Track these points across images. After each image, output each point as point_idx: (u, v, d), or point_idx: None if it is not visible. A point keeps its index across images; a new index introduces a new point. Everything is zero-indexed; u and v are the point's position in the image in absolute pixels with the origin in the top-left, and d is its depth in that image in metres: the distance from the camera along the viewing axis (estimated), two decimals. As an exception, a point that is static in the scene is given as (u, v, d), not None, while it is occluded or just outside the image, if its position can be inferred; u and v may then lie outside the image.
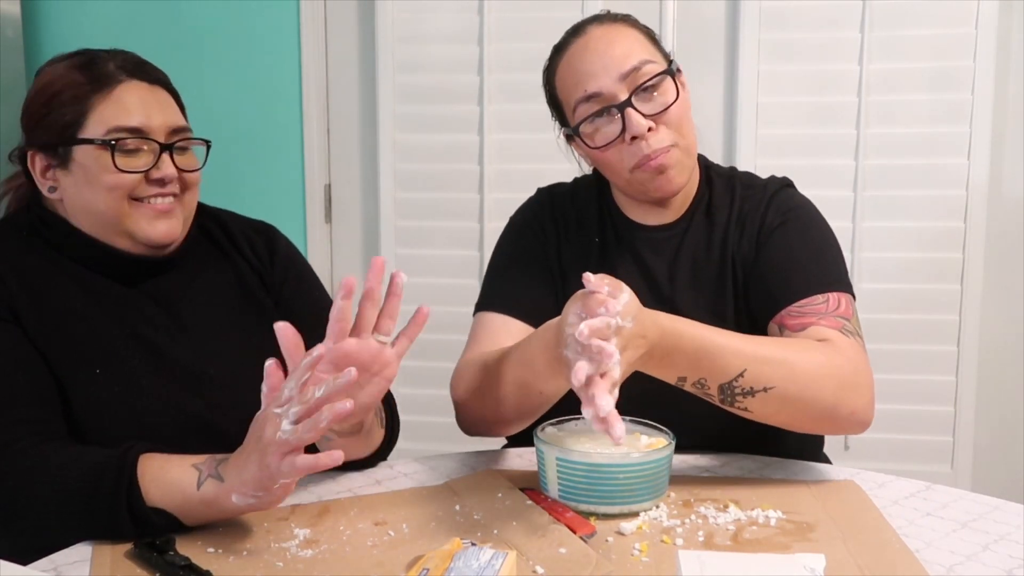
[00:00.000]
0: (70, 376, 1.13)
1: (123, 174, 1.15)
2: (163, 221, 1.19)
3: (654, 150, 1.21)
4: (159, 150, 1.18)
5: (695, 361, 1.09)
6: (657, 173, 1.23)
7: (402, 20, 2.43)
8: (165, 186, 1.18)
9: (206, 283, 1.27)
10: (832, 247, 1.30)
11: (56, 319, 1.15)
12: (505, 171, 2.39)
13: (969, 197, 2.25)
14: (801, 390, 1.11)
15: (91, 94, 1.16)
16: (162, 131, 1.18)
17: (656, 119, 1.22)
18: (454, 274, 2.37)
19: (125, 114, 1.16)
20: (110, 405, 1.14)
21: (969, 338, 2.27)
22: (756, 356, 1.11)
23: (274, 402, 0.97)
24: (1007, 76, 2.24)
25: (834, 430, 1.18)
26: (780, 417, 1.14)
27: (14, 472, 1.03)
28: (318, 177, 2.51)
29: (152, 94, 1.20)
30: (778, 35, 2.29)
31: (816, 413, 1.13)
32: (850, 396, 1.13)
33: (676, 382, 1.11)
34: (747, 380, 1.10)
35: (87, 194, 1.17)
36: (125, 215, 1.17)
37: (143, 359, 1.18)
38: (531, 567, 0.94)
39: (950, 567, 0.96)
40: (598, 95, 1.22)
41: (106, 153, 1.15)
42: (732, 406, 1.13)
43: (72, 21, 2.53)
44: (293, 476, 0.96)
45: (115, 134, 1.15)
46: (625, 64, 1.22)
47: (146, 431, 1.12)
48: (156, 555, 0.95)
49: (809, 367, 1.12)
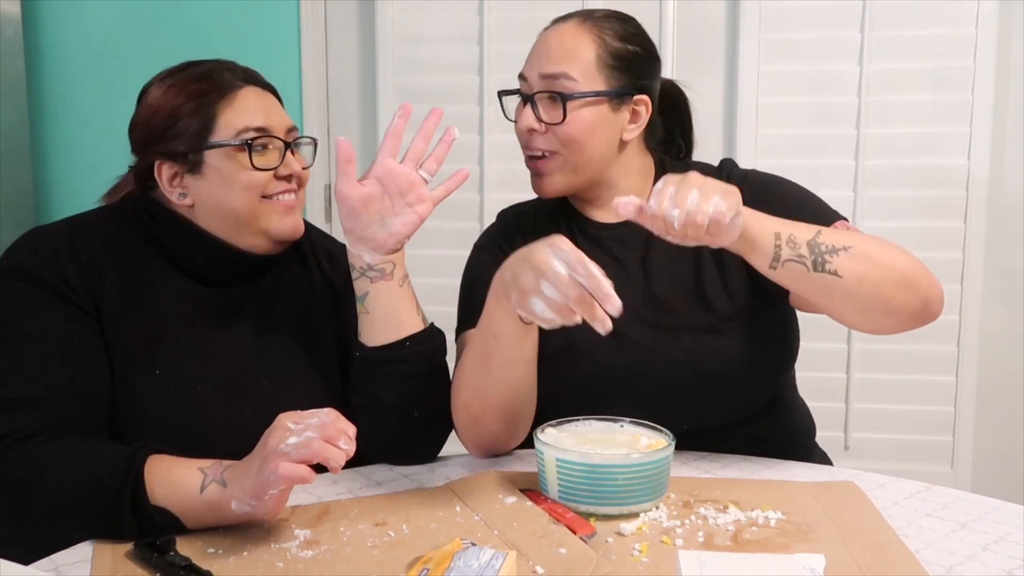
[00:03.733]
0: (129, 373, 1.16)
1: (258, 172, 1.20)
2: (290, 216, 1.25)
3: (533, 149, 1.30)
4: (284, 148, 1.22)
5: (782, 222, 1.13)
6: (535, 174, 1.31)
7: (402, 20, 2.43)
8: (291, 182, 1.24)
9: (282, 293, 1.30)
10: (805, 191, 1.33)
11: (136, 315, 1.18)
12: (505, 171, 2.39)
13: (969, 197, 2.24)
14: (878, 252, 1.14)
15: (216, 101, 1.21)
16: (282, 130, 1.23)
17: (548, 126, 1.27)
18: (454, 274, 2.36)
19: (250, 116, 1.21)
20: (159, 406, 1.16)
21: (969, 338, 2.27)
22: (824, 228, 1.15)
23: (290, 416, 0.99)
24: (1007, 76, 2.24)
25: (921, 302, 1.16)
26: (868, 284, 1.13)
27: (26, 464, 1.04)
28: (318, 177, 2.51)
29: (266, 98, 1.25)
30: (778, 35, 2.29)
31: (899, 277, 1.14)
32: (921, 268, 1.17)
33: (773, 240, 1.11)
34: (825, 238, 1.12)
35: (222, 194, 1.21)
36: (259, 213, 1.22)
37: (202, 364, 1.20)
38: (531, 567, 0.94)
39: (950, 567, 0.96)
40: (524, 79, 1.31)
41: (242, 153, 1.20)
42: (823, 269, 1.12)
43: (72, 21, 2.53)
44: (278, 484, 0.97)
45: (245, 135, 1.20)
46: (548, 66, 1.28)
47: (188, 436, 1.13)
48: (157, 555, 0.95)
49: (874, 240, 1.17)
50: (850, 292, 1.13)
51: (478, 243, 1.42)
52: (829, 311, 1.18)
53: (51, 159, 2.58)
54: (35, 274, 1.15)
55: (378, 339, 1.22)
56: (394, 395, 1.22)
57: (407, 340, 1.22)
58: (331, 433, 0.98)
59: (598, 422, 1.18)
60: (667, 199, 1.05)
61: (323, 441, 0.97)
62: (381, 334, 1.22)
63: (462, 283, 1.39)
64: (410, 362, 1.22)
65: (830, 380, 2.31)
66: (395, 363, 1.22)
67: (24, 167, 2.47)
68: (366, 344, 1.23)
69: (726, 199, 1.05)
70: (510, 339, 1.16)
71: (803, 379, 1.43)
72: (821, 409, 1.50)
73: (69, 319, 1.14)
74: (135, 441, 1.07)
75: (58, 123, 2.57)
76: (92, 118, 2.54)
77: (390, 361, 1.22)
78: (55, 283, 1.15)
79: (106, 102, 2.51)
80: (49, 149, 2.58)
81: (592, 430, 1.17)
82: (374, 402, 1.23)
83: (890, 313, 1.15)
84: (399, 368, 1.22)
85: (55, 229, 1.22)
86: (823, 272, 1.12)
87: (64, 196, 2.58)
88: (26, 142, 2.48)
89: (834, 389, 2.32)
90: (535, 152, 1.29)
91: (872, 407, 2.32)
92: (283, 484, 0.98)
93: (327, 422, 0.99)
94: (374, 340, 1.23)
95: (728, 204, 1.05)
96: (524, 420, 1.24)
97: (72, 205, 2.37)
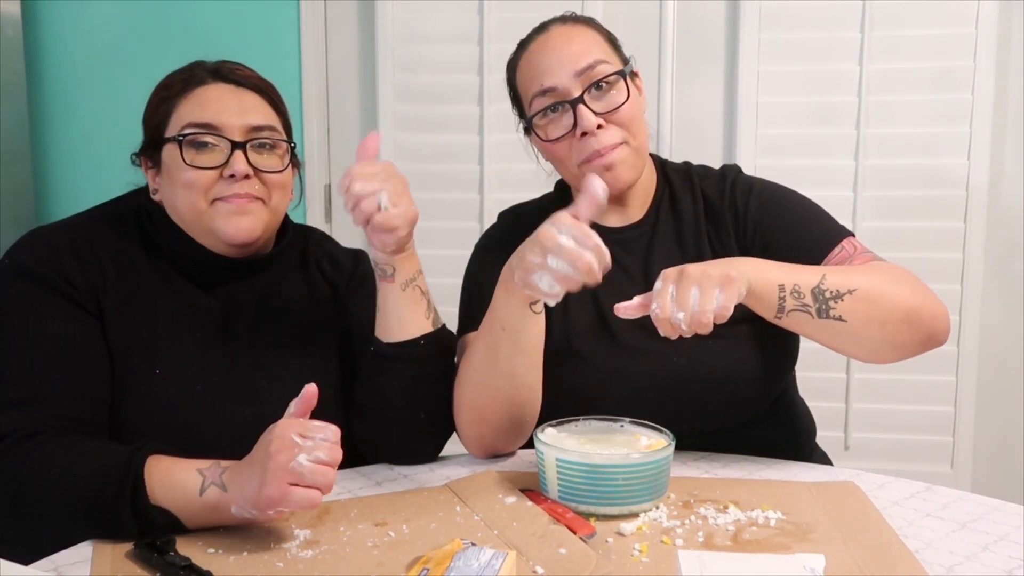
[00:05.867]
0: (129, 373, 1.16)
1: (194, 170, 1.17)
2: (242, 218, 1.19)
3: (603, 146, 1.25)
4: (231, 147, 1.18)
5: (785, 269, 1.13)
6: (604, 170, 1.25)
7: (402, 20, 2.43)
8: (240, 183, 1.19)
9: (279, 295, 1.30)
10: (812, 205, 1.33)
11: (136, 315, 1.18)
12: (505, 171, 2.39)
13: (969, 197, 2.24)
14: (882, 290, 1.14)
15: (177, 96, 1.20)
16: (238, 129, 1.19)
17: (606, 117, 1.25)
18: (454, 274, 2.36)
19: (200, 111, 1.19)
20: (159, 406, 1.16)
21: (969, 338, 2.27)
22: (829, 269, 1.16)
23: (294, 426, 0.99)
24: (1007, 76, 2.24)
25: (926, 336, 1.17)
26: (873, 325, 1.14)
27: (28, 462, 1.04)
28: (318, 177, 2.52)
29: (234, 95, 1.22)
30: (778, 35, 2.29)
31: (903, 314, 1.14)
32: (928, 297, 1.17)
33: (778, 292, 1.12)
34: (829, 283, 1.12)
35: (170, 193, 1.21)
36: (203, 212, 1.19)
37: (201, 365, 1.20)
38: (531, 567, 0.94)
39: (950, 567, 0.96)
40: (553, 90, 1.26)
41: (178, 150, 1.18)
42: (828, 316, 1.12)
43: (72, 21, 2.53)
44: (289, 507, 0.97)
45: (187, 130, 1.18)
46: (580, 62, 1.25)
47: (188, 436, 1.13)
48: (157, 555, 0.95)
49: (879, 273, 1.17)
50: (855, 334, 1.14)
51: (480, 244, 1.42)
52: (834, 349, 1.19)
53: (51, 159, 2.58)
54: (37, 273, 1.15)
55: (388, 336, 1.22)
56: (403, 393, 1.22)
57: (421, 339, 1.22)
58: (337, 456, 0.99)
59: (598, 422, 1.18)
60: (669, 301, 1.05)
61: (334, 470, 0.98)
62: (389, 332, 1.22)
63: (464, 285, 1.38)
64: (422, 361, 1.22)
65: (830, 380, 2.31)
66: (406, 361, 1.22)
67: (24, 167, 2.47)
68: (380, 339, 1.23)
69: (726, 291, 1.05)
70: (518, 329, 1.16)
71: (803, 379, 1.43)
72: (821, 409, 1.50)
73: (71, 319, 1.14)
74: (135, 441, 1.07)
75: (58, 123, 2.57)
76: (92, 118, 2.54)
77: (401, 358, 1.22)
78: (57, 282, 1.15)
79: (106, 102, 2.52)
80: (49, 149, 2.58)
81: (592, 430, 1.17)
82: (382, 399, 1.23)
83: (895, 348, 1.17)
84: (410, 366, 1.22)
85: (56, 229, 1.22)
86: (828, 319, 1.13)
87: (64, 196, 2.59)
88: (26, 142, 2.48)
89: (834, 389, 2.32)
90: (604, 148, 1.25)
91: (872, 407, 2.32)
92: (295, 509, 0.99)
93: (334, 443, 0.99)
94: (385, 337, 1.23)
95: (727, 296, 1.05)
96: (527, 419, 1.24)
97: (72, 205, 2.38)
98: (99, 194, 1.34)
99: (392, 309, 1.22)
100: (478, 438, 1.26)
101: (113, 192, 1.32)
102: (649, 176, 1.36)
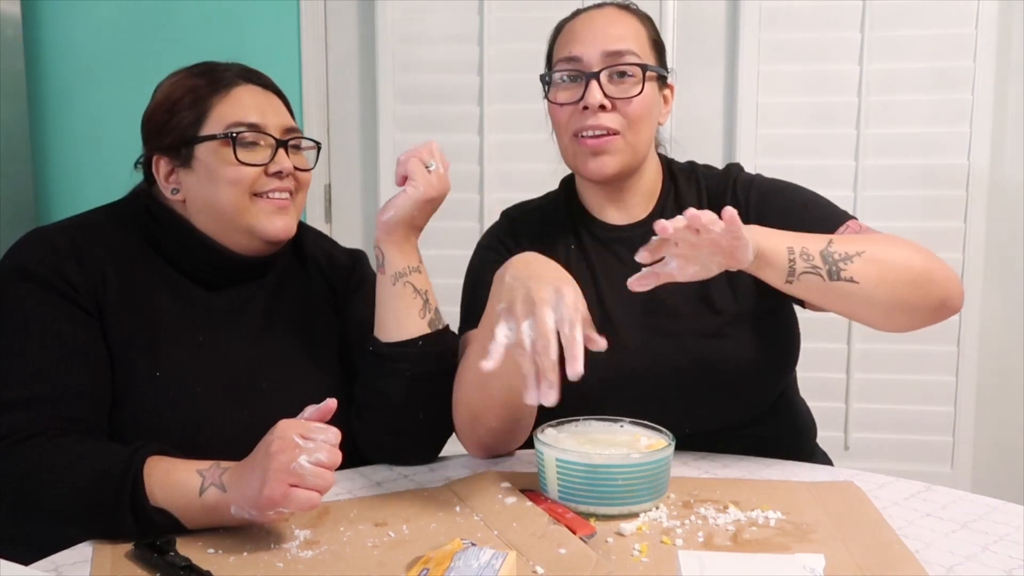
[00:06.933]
0: (129, 374, 1.16)
1: (244, 167, 1.20)
2: (280, 217, 1.24)
3: (599, 125, 1.26)
4: (275, 145, 1.22)
5: (792, 235, 1.13)
6: (592, 154, 1.27)
7: (402, 20, 2.43)
8: (283, 180, 1.23)
9: (281, 296, 1.30)
10: (812, 193, 1.33)
11: (137, 316, 1.19)
12: (505, 171, 2.39)
13: (969, 197, 2.25)
14: (891, 252, 1.14)
15: (210, 96, 1.22)
16: (277, 129, 1.23)
17: (615, 102, 1.26)
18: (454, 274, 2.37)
19: (242, 111, 1.21)
20: (159, 407, 1.16)
21: (969, 338, 2.27)
22: (836, 236, 1.16)
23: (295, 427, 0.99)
24: (1007, 76, 2.24)
25: (938, 300, 1.17)
26: (885, 287, 1.13)
27: (26, 464, 1.04)
28: (318, 177, 2.51)
29: (265, 97, 1.25)
30: (778, 35, 2.29)
31: (915, 275, 1.14)
32: (938, 261, 1.17)
33: (787, 255, 1.11)
34: (837, 247, 1.12)
35: (209, 190, 1.21)
36: (246, 209, 1.21)
37: (202, 365, 1.20)
38: (531, 567, 0.94)
39: (950, 567, 0.96)
40: (578, 59, 1.28)
41: (227, 148, 1.19)
42: (839, 277, 1.12)
43: (72, 21, 2.53)
44: (289, 508, 0.98)
45: (234, 128, 1.20)
46: (612, 45, 1.27)
47: (187, 437, 1.14)
48: (156, 556, 0.95)
49: (886, 239, 1.17)
50: (868, 296, 1.13)
51: (482, 242, 1.42)
52: (848, 315, 1.19)
53: (51, 159, 2.58)
54: (37, 274, 1.15)
55: (386, 336, 1.23)
56: (402, 393, 1.22)
57: (420, 340, 1.22)
58: (336, 459, 0.99)
59: (598, 422, 1.18)
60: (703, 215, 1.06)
61: (332, 473, 0.98)
62: (387, 332, 1.23)
63: (465, 283, 1.38)
64: (421, 362, 1.22)
65: (830, 380, 2.31)
66: (405, 361, 1.22)
67: (24, 167, 2.47)
68: (378, 339, 1.24)
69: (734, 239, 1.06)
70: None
71: (803, 379, 1.43)
72: (821, 409, 1.50)
73: (71, 319, 1.14)
74: (135, 441, 1.07)
75: (58, 123, 2.57)
76: (92, 118, 2.54)
77: (400, 359, 1.22)
78: (57, 283, 1.15)
79: (106, 102, 2.52)
80: (49, 149, 2.58)
81: (592, 430, 1.17)
82: (382, 398, 1.23)
83: (910, 311, 1.16)
84: (409, 367, 1.22)
85: (56, 229, 1.22)
86: (839, 280, 1.12)
87: (64, 196, 2.58)
88: (26, 142, 2.48)
89: (834, 389, 2.32)
90: (597, 131, 1.27)
91: (872, 407, 2.32)
92: (295, 510, 0.98)
93: (335, 444, 0.99)
94: (383, 336, 1.23)
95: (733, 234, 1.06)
96: (525, 421, 1.23)
97: (72, 205, 2.38)
98: (99, 194, 1.34)
99: (384, 303, 1.23)
100: (476, 438, 1.26)
101: (113, 192, 1.32)
102: (655, 175, 1.36)
